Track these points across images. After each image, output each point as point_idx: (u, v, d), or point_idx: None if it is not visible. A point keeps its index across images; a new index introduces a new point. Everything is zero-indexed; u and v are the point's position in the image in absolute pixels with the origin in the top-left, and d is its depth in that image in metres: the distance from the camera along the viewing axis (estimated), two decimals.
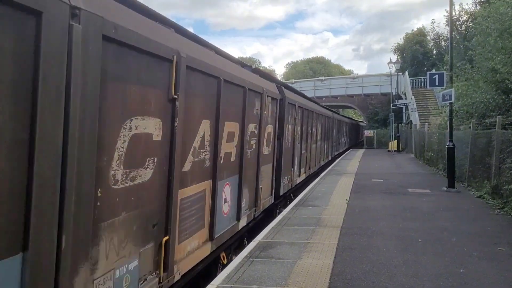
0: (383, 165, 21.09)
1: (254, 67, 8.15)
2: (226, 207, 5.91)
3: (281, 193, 9.91)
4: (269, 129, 8.31)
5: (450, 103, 12.83)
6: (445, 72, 15.28)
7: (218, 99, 5.25)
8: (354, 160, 24.02)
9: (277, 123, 9.04)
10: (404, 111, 35.43)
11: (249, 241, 7.02)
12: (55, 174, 2.48)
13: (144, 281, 3.70)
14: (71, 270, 2.65)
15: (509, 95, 13.09)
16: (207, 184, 5.13)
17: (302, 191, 12.20)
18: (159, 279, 3.90)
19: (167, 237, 4.02)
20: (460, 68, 18.98)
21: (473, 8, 33.48)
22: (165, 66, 3.88)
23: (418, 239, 6.86)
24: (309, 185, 13.60)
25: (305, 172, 13.80)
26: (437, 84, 14.38)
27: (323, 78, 51.56)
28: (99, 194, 3.00)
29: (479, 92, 14.75)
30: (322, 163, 18.66)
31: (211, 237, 5.31)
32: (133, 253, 3.51)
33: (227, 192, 5.92)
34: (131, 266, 3.47)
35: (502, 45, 13.23)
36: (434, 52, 43.43)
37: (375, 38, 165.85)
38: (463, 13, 35.29)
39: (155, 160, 3.79)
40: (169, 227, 4.05)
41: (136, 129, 3.45)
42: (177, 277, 4.30)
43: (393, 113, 34.05)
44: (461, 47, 30.52)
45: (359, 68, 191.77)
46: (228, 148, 5.86)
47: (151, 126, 3.68)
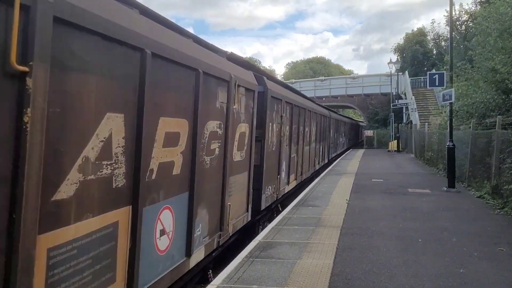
0: (383, 165, 21.10)
1: (230, 52, 6.45)
2: (164, 241, 4.24)
3: (262, 207, 8.22)
4: (243, 128, 6.71)
5: (450, 103, 12.84)
6: (445, 72, 15.28)
7: (142, 81, 3.60)
8: (354, 160, 24.03)
9: (254, 121, 7.31)
10: (404, 111, 35.45)
11: (215, 275, 5.64)
12: None
13: None
14: None
15: (509, 95, 13.11)
16: (121, 214, 3.44)
17: (293, 200, 10.76)
18: None
19: None
20: (460, 68, 19.02)
21: (473, 8, 33.53)
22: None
23: (418, 239, 6.87)
24: (307, 187, 13.56)
25: (295, 179, 11.89)
26: (437, 84, 14.39)
27: (323, 78, 51.60)
28: None
29: (479, 92, 14.77)
30: (317, 166, 16.94)
31: None
32: None
33: (165, 220, 4.25)
34: None
35: (502, 45, 13.25)
36: (434, 52, 43.46)
37: (375, 38, 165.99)
38: (463, 13, 35.35)
39: None
40: None
41: None
42: None
43: (393, 113, 34.07)
44: (461, 47, 30.52)
45: (359, 68, 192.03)
46: (168, 155, 4.21)
47: None
